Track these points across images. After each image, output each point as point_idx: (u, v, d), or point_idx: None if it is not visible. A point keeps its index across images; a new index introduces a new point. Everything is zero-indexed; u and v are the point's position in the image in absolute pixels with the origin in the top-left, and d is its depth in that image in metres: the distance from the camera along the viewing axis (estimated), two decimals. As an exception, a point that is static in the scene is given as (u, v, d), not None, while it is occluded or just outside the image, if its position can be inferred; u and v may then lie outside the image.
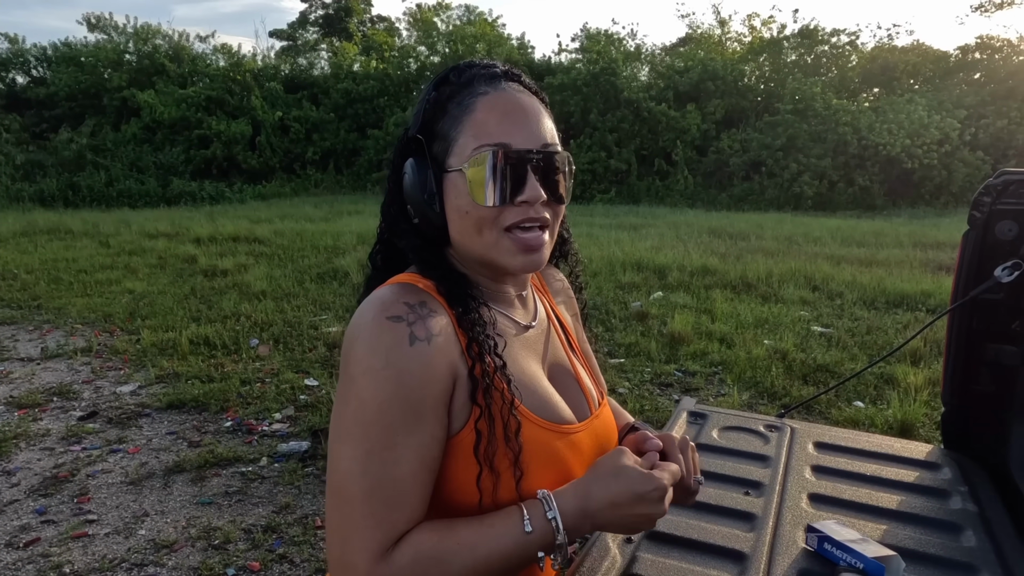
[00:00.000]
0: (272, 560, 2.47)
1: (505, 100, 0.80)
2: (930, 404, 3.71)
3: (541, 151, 0.80)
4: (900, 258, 7.97)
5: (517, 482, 0.77)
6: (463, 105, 0.81)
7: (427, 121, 0.84)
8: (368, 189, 18.54)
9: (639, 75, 20.07)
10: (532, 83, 0.86)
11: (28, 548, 2.54)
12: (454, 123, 0.81)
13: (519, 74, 0.85)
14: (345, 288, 6.61)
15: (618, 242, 9.03)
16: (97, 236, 9.77)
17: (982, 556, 1.21)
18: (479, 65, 0.84)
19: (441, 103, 0.83)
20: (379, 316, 0.74)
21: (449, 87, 0.83)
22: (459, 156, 0.80)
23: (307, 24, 30.94)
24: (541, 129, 0.81)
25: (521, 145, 0.79)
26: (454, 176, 0.80)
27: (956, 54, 18.48)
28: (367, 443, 0.72)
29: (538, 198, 0.79)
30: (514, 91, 0.82)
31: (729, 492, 1.43)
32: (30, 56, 21.24)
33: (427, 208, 0.82)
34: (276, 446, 3.38)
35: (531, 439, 0.79)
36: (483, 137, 0.78)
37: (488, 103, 0.80)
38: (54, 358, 4.74)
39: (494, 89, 0.81)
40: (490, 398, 0.77)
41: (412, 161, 0.83)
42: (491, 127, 0.79)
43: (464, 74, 0.83)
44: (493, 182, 0.77)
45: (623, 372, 4.41)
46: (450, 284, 0.81)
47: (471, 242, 0.82)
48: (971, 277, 1.59)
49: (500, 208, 0.79)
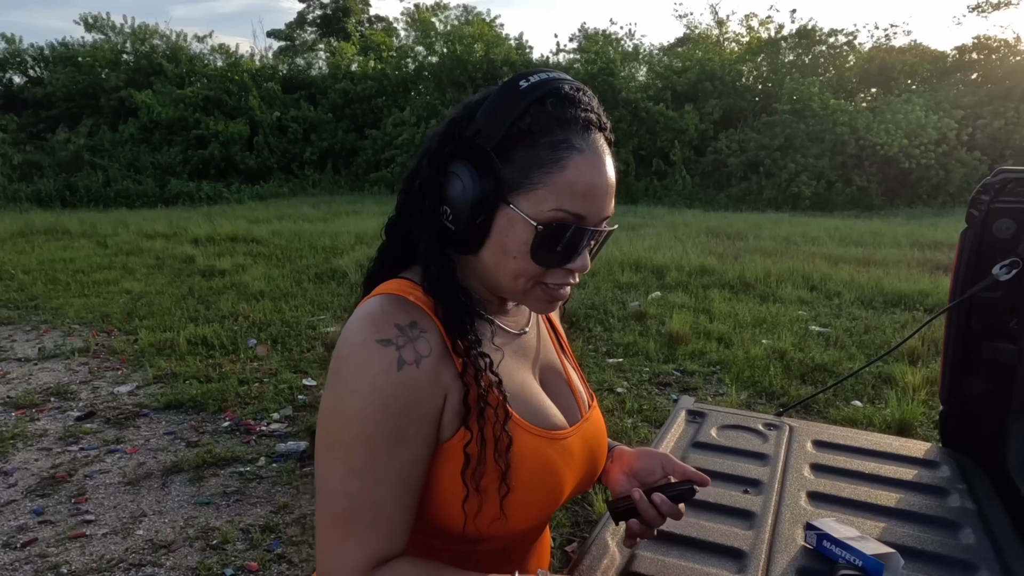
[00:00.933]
0: (270, 560, 2.47)
1: (596, 169, 0.76)
2: (928, 403, 3.71)
3: (605, 229, 0.80)
4: (897, 258, 7.98)
5: (502, 498, 0.76)
6: (556, 154, 0.74)
7: (507, 138, 0.75)
8: (366, 189, 18.54)
9: (637, 75, 20.09)
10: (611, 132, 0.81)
11: (26, 548, 2.53)
12: (539, 167, 0.74)
13: (607, 124, 0.80)
14: (343, 288, 6.61)
15: (616, 242, 9.03)
16: (95, 236, 9.76)
17: (980, 554, 1.21)
18: (580, 104, 0.76)
19: (532, 133, 0.74)
20: (368, 338, 0.73)
21: (544, 116, 0.74)
22: (533, 205, 0.74)
23: (305, 24, 30.93)
24: (612, 202, 0.79)
25: (593, 222, 0.77)
26: (516, 217, 0.75)
27: (953, 54, 18.53)
28: (349, 463, 0.72)
29: (585, 270, 0.79)
30: (603, 152, 0.77)
31: (728, 490, 1.43)
32: (27, 56, 21.20)
33: (470, 226, 0.76)
34: (274, 446, 3.38)
35: (523, 449, 0.78)
36: (566, 203, 0.74)
37: (582, 166, 0.75)
38: (51, 358, 4.73)
39: (588, 147, 0.75)
40: (483, 420, 0.76)
41: (471, 170, 0.75)
42: (576, 194, 0.75)
43: (564, 109, 0.75)
44: (555, 249, 0.76)
45: (621, 372, 4.41)
46: (450, 306, 0.78)
47: (501, 278, 0.79)
48: (969, 275, 1.59)
49: (548, 269, 0.78)
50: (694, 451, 1.63)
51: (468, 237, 0.78)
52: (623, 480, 0.97)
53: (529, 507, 0.79)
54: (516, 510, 0.78)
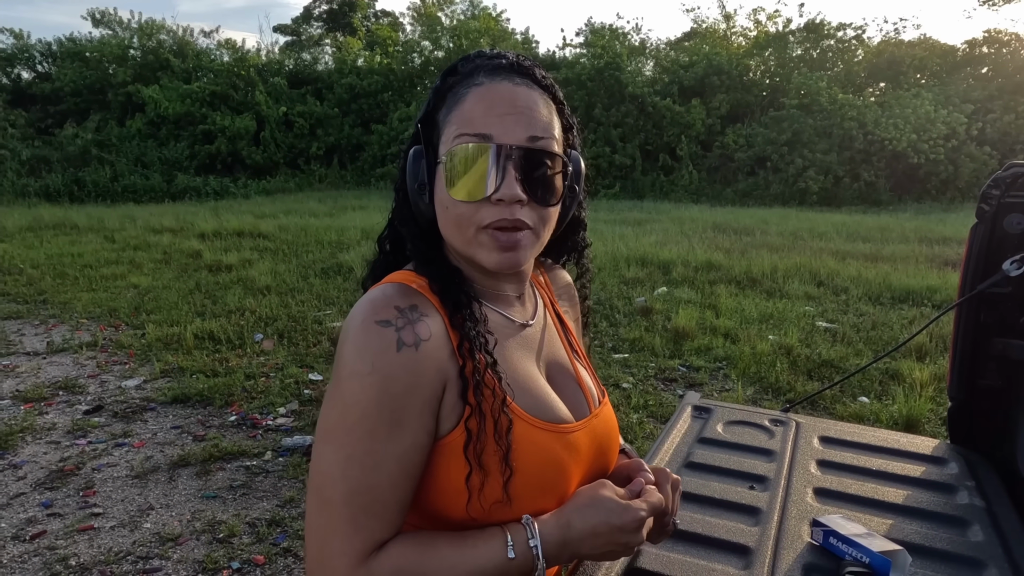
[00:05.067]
0: (276, 554, 2.48)
1: (497, 91, 0.77)
2: (936, 400, 3.69)
3: (524, 146, 0.75)
4: (906, 253, 7.94)
5: (506, 481, 0.75)
6: (457, 95, 0.78)
7: (430, 110, 0.82)
8: (372, 184, 18.56)
9: (644, 70, 20.02)
10: (544, 77, 0.82)
11: (34, 541, 2.55)
12: (447, 112, 0.79)
13: (529, 67, 0.81)
14: (349, 283, 6.62)
15: (622, 237, 9.01)
16: (102, 231, 9.80)
17: (989, 551, 1.20)
18: (487, 55, 0.81)
19: (442, 92, 0.81)
20: (368, 320, 0.73)
21: (454, 77, 0.81)
22: (444, 146, 0.78)
23: (311, 19, 30.91)
24: (532, 123, 0.76)
25: (504, 139, 0.75)
26: (439, 168, 0.78)
27: (963, 48, 18.36)
28: (348, 447, 0.71)
29: (514, 198, 0.75)
30: (513, 83, 0.78)
31: (734, 486, 1.42)
32: (35, 51, 21.31)
33: (418, 199, 0.81)
34: (280, 440, 3.39)
35: (524, 439, 0.77)
36: (465, 127, 0.76)
37: (479, 93, 0.77)
38: (60, 352, 4.76)
39: (491, 80, 0.77)
40: (480, 396, 0.76)
41: (415, 149, 0.81)
42: (476, 118, 0.75)
43: (470, 64, 0.81)
44: (467, 176, 0.75)
45: (627, 367, 4.41)
46: (443, 282, 0.80)
47: (453, 237, 0.80)
48: (979, 271, 1.57)
49: (477, 205, 0.76)
50: (700, 447, 1.62)
51: (424, 211, 0.82)
52: None
53: (533, 497, 0.79)
54: (519, 498, 0.77)
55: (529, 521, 0.76)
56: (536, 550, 0.74)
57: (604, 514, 0.76)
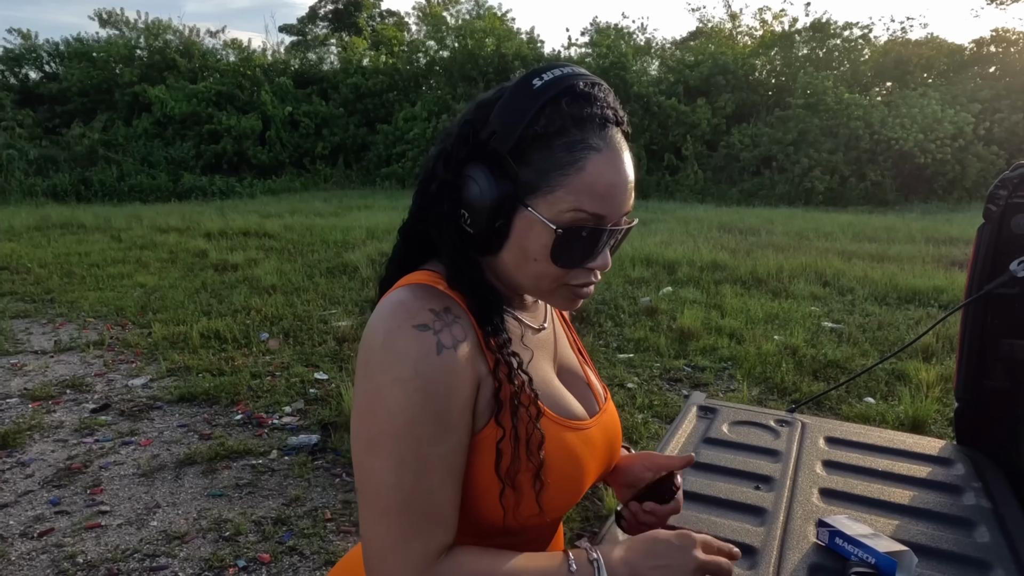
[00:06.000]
0: (282, 552, 2.49)
1: (614, 166, 0.74)
2: (942, 401, 3.68)
3: (625, 226, 0.79)
4: (912, 254, 7.90)
5: (537, 494, 0.77)
6: (573, 156, 0.73)
7: (521, 141, 0.73)
8: (377, 184, 18.58)
9: (649, 69, 20.00)
10: (628, 123, 0.80)
11: (42, 538, 2.56)
12: (556, 168, 0.73)
13: (623, 118, 0.79)
14: (354, 283, 6.63)
15: (627, 237, 8.99)
16: (109, 231, 9.85)
17: (996, 552, 1.20)
18: (596, 101, 0.75)
19: (548, 135, 0.73)
20: (404, 324, 0.72)
21: (559, 116, 0.73)
22: (551, 207, 0.74)
23: (316, 19, 30.96)
24: (630, 198, 0.78)
25: (612, 220, 0.76)
26: (535, 220, 0.74)
27: (971, 47, 18.28)
28: (399, 454, 0.71)
29: (606, 268, 0.79)
30: (621, 149, 0.76)
31: (739, 487, 1.42)
32: (43, 52, 21.42)
33: (488, 229, 0.76)
34: (286, 439, 3.40)
35: (552, 440, 0.79)
36: (585, 204, 0.73)
37: (600, 165, 0.73)
38: (67, 351, 4.78)
39: (606, 146, 0.74)
40: (516, 418, 0.76)
41: (488, 173, 0.74)
42: (595, 195, 0.74)
43: (579, 107, 0.74)
44: (575, 250, 0.76)
45: (632, 367, 4.40)
46: (483, 303, 0.79)
47: (522, 280, 0.80)
48: (986, 271, 1.57)
49: (570, 269, 0.78)
50: (705, 447, 1.62)
51: (487, 240, 0.78)
52: (624, 492, 1.01)
53: (559, 498, 0.80)
54: (548, 501, 0.79)
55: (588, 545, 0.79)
56: (597, 564, 0.76)
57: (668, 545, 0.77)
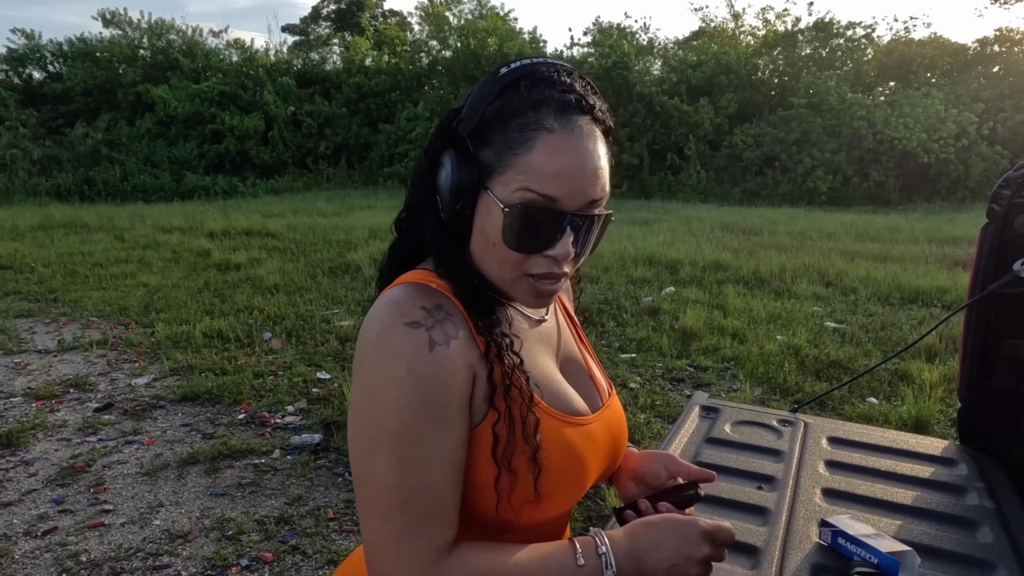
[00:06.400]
0: (285, 551, 2.49)
1: (568, 148, 0.72)
2: (945, 401, 3.67)
3: (585, 214, 0.75)
4: (915, 254, 7.89)
5: (535, 479, 0.76)
6: (525, 134, 0.72)
7: (483, 123, 0.75)
8: (380, 184, 18.60)
9: (651, 69, 19.98)
10: (605, 112, 0.78)
11: (46, 537, 2.57)
12: (509, 148, 0.73)
13: (594, 105, 0.76)
14: (357, 282, 6.64)
15: (630, 237, 9.00)
16: (112, 230, 9.87)
17: (999, 552, 1.20)
18: (556, 84, 0.74)
19: (504, 116, 0.74)
20: (396, 322, 0.72)
21: (517, 98, 0.73)
22: (503, 188, 0.73)
23: (319, 19, 30.99)
24: (595, 185, 0.74)
25: (568, 204, 0.73)
26: (491, 202, 0.74)
27: (974, 47, 18.23)
28: (398, 453, 0.71)
29: (567, 257, 0.76)
30: (581, 134, 0.73)
31: (742, 486, 1.42)
32: (46, 52, 21.46)
33: (454, 212, 0.77)
34: (288, 439, 3.40)
35: (549, 433, 0.79)
36: (533, 183, 0.72)
37: (551, 145, 0.72)
38: (70, 350, 4.79)
39: (562, 128, 0.72)
40: (510, 399, 0.76)
41: (453, 156, 0.76)
42: (546, 175, 0.71)
43: (537, 90, 0.73)
44: (527, 233, 0.74)
45: (634, 367, 4.40)
46: (467, 288, 0.79)
47: (488, 267, 0.79)
48: (989, 271, 1.57)
49: (526, 255, 0.76)
50: (708, 447, 1.62)
51: (458, 225, 0.79)
52: (631, 485, 0.98)
53: (558, 492, 0.80)
54: (547, 494, 0.78)
55: (597, 532, 0.77)
56: (605, 558, 0.75)
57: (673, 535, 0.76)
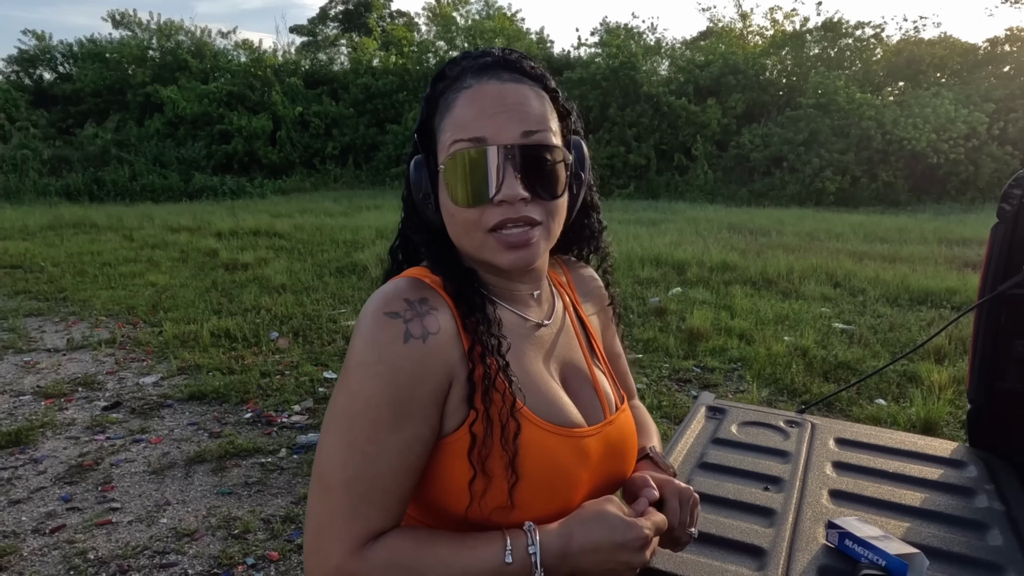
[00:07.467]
0: (290, 550, 2.50)
1: (485, 91, 0.76)
2: (954, 403, 3.64)
3: (519, 143, 0.74)
4: (924, 254, 7.84)
5: (511, 487, 0.74)
6: (448, 100, 0.78)
7: (425, 119, 0.82)
8: (387, 184, 18.63)
9: (659, 69, 19.95)
10: (534, 68, 0.81)
11: (54, 534, 2.59)
12: (440, 119, 0.78)
13: (516, 60, 0.79)
14: (364, 282, 6.65)
15: (637, 237, 8.98)
16: (121, 230, 9.93)
17: (1008, 555, 1.19)
18: (471, 56, 0.80)
19: (434, 100, 0.80)
20: (377, 311, 0.73)
21: (443, 82, 0.80)
22: (441, 154, 0.77)
23: (327, 20, 31.08)
24: (524, 118, 0.75)
25: (498, 139, 0.74)
26: (440, 176, 0.78)
27: (985, 47, 18.09)
28: (351, 436, 0.72)
29: (516, 197, 0.74)
30: (500, 80, 0.76)
31: (748, 487, 1.41)
32: (57, 53, 21.64)
33: (424, 208, 0.81)
34: (295, 438, 3.41)
35: (533, 442, 0.76)
36: (458, 132, 0.75)
37: (468, 96, 0.76)
38: (79, 349, 4.82)
39: (478, 81, 0.76)
40: (489, 400, 0.75)
41: (416, 160, 0.81)
42: (468, 121, 0.75)
43: (456, 67, 0.80)
44: (465, 180, 0.74)
45: (641, 368, 4.39)
46: (456, 282, 0.79)
47: (463, 243, 0.80)
48: (1000, 272, 1.55)
49: (481, 209, 0.75)
50: (714, 447, 1.62)
51: (433, 219, 0.82)
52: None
53: (537, 503, 0.77)
54: (523, 502, 0.76)
55: (531, 528, 0.74)
56: (535, 558, 0.73)
57: (607, 530, 0.74)
